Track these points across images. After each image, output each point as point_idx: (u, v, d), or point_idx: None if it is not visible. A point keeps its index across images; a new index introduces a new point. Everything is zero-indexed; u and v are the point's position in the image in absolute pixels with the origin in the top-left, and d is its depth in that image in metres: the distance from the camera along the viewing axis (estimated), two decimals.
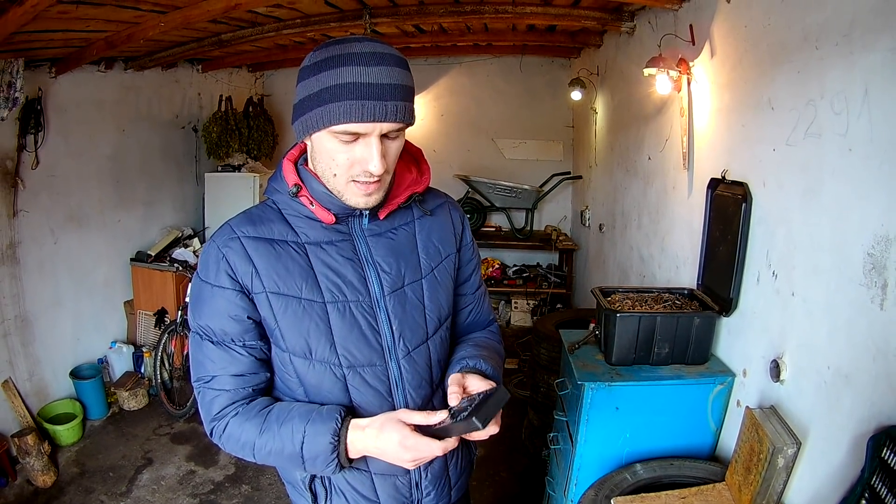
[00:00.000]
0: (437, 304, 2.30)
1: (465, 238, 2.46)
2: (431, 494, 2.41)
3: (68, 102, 6.66)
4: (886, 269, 2.66)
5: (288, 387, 2.23)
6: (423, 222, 2.32)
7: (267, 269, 2.06)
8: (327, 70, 1.87)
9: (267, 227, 2.12)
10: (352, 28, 6.76)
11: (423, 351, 2.26)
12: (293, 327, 2.09)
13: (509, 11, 6.20)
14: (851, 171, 2.91)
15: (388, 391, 2.20)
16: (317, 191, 2.09)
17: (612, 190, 7.67)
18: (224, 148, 9.14)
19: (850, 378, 2.90)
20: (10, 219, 6.04)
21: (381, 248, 2.18)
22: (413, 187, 2.24)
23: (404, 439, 1.94)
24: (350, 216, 2.15)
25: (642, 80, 5.35)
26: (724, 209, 4.21)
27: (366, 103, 1.83)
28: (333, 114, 1.85)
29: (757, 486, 3.24)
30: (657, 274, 5.85)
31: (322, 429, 2.01)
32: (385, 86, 1.85)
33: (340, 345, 2.11)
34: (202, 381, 2.16)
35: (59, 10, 4.52)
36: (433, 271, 2.29)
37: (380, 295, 2.15)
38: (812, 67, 3.23)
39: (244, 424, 2.10)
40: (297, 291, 2.07)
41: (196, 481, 5.93)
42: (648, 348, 4.09)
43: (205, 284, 2.11)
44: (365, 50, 1.87)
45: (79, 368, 7.05)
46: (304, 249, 2.11)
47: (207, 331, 2.12)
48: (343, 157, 1.94)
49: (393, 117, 1.87)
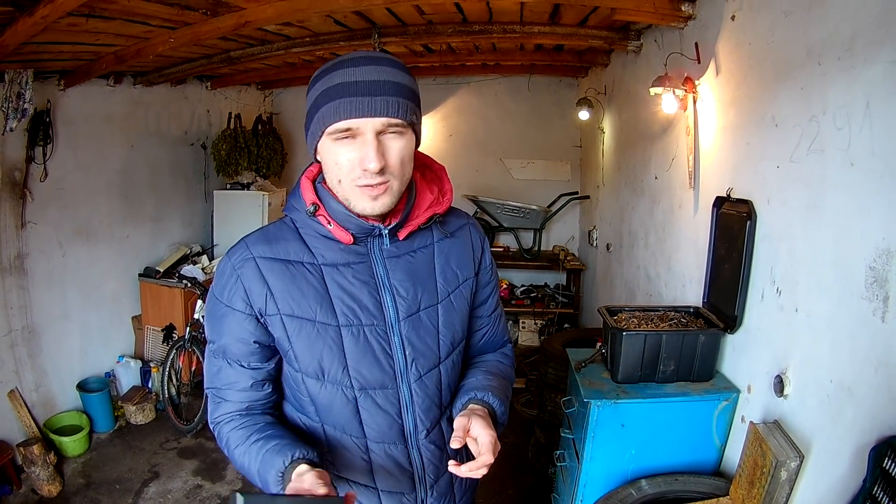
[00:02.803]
0: (452, 328, 2.28)
1: (485, 261, 2.44)
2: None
3: (77, 115, 6.69)
4: (888, 283, 2.67)
5: (300, 405, 2.26)
6: (443, 245, 2.30)
7: (282, 291, 2.07)
8: (321, 79, 1.93)
9: (283, 247, 2.12)
10: (361, 47, 6.77)
11: (434, 375, 2.25)
12: (306, 349, 2.10)
13: (517, 31, 6.24)
14: (853, 185, 2.93)
15: (399, 413, 2.21)
16: (335, 210, 2.07)
17: (620, 209, 7.68)
18: (233, 165, 9.18)
19: (853, 390, 2.91)
20: (18, 230, 6.07)
21: (399, 272, 2.17)
22: (434, 208, 2.22)
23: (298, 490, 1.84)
24: (369, 236, 2.13)
25: (649, 99, 5.35)
26: (729, 227, 4.22)
27: (354, 99, 1.84)
28: (327, 115, 1.88)
29: (760, 499, 3.25)
30: (664, 293, 5.85)
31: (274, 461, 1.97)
32: (374, 82, 1.86)
33: (353, 368, 2.12)
34: (211, 389, 2.24)
35: (69, 23, 4.56)
36: (449, 296, 2.27)
37: (394, 319, 2.14)
38: (814, 83, 3.25)
39: (231, 434, 2.16)
40: (312, 314, 2.08)
41: (203, 496, 5.92)
42: (654, 366, 4.10)
43: (218, 302, 2.14)
44: (356, 55, 1.91)
45: (86, 381, 7.06)
46: (321, 271, 2.10)
47: (218, 348, 2.17)
48: (343, 159, 1.92)
49: (383, 112, 1.86)
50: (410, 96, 1.94)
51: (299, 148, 11.27)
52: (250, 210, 9.21)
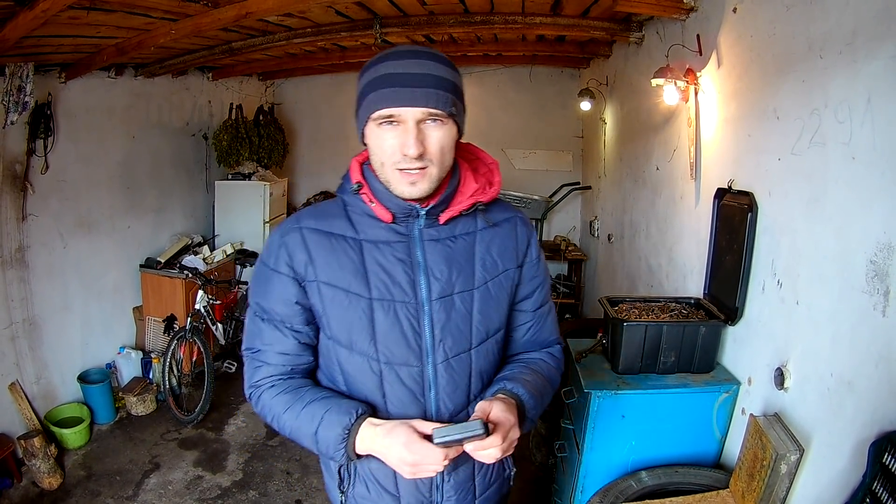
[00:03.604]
0: (487, 316, 2.31)
1: (531, 255, 2.45)
2: (452, 499, 2.43)
3: (78, 108, 6.68)
4: (889, 277, 2.68)
5: (330, 374, 2.34)
6: (485, 234, 2.33)
7: (322, 260, 2.18)
8: (369, 70, 2.06)
9: (328, 222, 2.23)
10: (362, 38, 6.80)
11: (464, 360, 2.28)
12: (339, 317, 2.20)
13: (519, 22, 6.23)
14: (855, 179, 2.93)
15: (422, 393, 2.24)
16: (377, 189, 2.17)
17: (621, 200, 7.69)
18: (234, 156, 9.20)
19: (853, 384, 2.92)
20: (20, 223, 6.06)
21: (437, 255, 2.23)
22: (478, 196, 2.27)
23: (409, 442, 1.99)
24: (409, 217, 2.20)
25: (650, 90, 5.35)
26: (730, 219, 4.22)
27: (397, 90, 1.95)
28: (372, 102, 1.98)
29: (760, 492, 3.25)
30: (665, 284, 5.86)
31: (337, 420, 2.10)
32: (416, 75, 1.96)
33: (381, 341, 2.18)
34: (250, 350, 2.36)
35: (70, 16, 4.54)
36: (487, 283, 2.30)
37: (426, 299, 2.20)
38: (816, 76, 3.25)
39: (275, 398, 2.26)
40: (347, 284, 2.17)
41: (203, 486, 5.93)
42: (655, 357, 4.11)
43: (265, 268, 2.26)
44: (401, 49, 2.03)
45: (87, 373, 7.05)
46: (360, 246, 2.20)
47: (261, 309, 2.29)
48: (386, 144, 2.02)
49: (423, 103, 1.96)
50: (451, 89, 2.03)
51: (300, 138, 11.42)
52: (252, 200, 9.28)
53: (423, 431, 2.03)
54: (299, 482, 5.97)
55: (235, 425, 7.07)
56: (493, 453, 2.02)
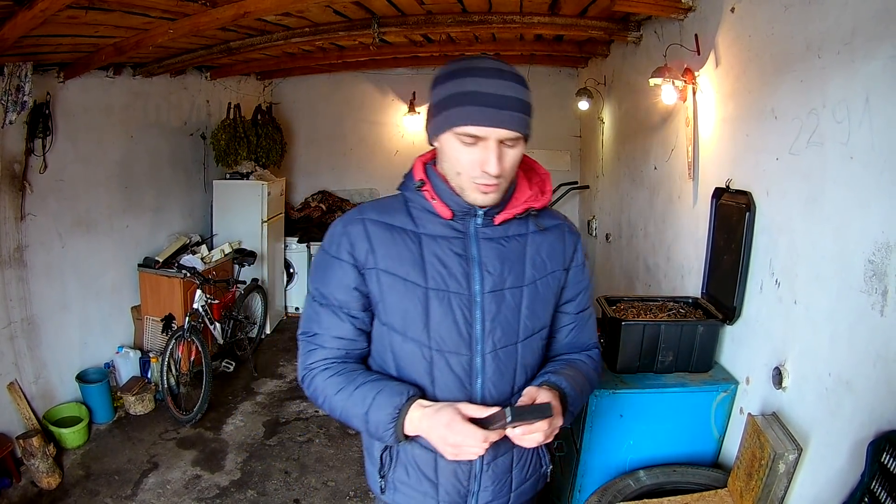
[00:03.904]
0: (535, 312, 2.39)
1: (577, 260, 2.53)
2: (489, 490, 2.49)
3: (76, 107, 6.68)
4: (887, 276, 2.69)
5: (382, 359, 2.44)
6: (536, 237, 2.41)
7: (382, 250, 2.28)
8: (453, 80, 2.09)
9: (390, 216, 2.33)
10: (360, 37, 6.83)
11: (511, 352, 2.36)
12: (395, 304, 2.30)
13: (517, 21, 6.24)
14: (853, 179, 2.94)
15: (469, 381, 2.32)
16: (439, 188, 2.27)
17: (619, 200, 7.70)
18: (232, 155, 9.20)
19: (851, 384, 2.93)
20: (18, 222, 6.05)
21: (490, 252, 2.31)
22: (531, 202, 2.36)
23: (452, 422, 2.08)
24: (466, 215, 2.29)
25: (648, 89, 5.36)
26: (728, 218, 4.24)
27: (485, 110, 2.01)
28: (457, 117, 2.04)
29: (758, 491, 3.26)
30: (662, 283, 5.87)
31: (388, 401, 2.20)
32: (503, 97, 2.02)
33: (434, 329, 2.28)
34: (306, 334, 2.44)
35: (69, 15, 4.54)
36: (536, 282, 2.38)
37: (479, 292, 2.28)
38: (814, 76, 3.26)
39: (328, 380, 2.34)
40: (405, 273, 2.27)
41: (202, 486, 5.92)
42: (653, 356, 4.13)
43: (326, 255, 2.37)
44: (487, 65, 2.08)
45: (85, 372, 7.04)
46: (419, 239, 2.29)
47: (320, 294, 2.39)
48: (466, 159, 2.11)
49: (509, 125, 2.03)
50: (529, 111, 2.12)
51: (298, 137, 11.44)
52: (250, 199, 9.27)
53: (467, 414, 2.11)
54: (297, 482, 5.96)
55: (234, 425, 7.06)
56: (537, 437, 2.10)
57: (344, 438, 6.71)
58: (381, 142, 11.53)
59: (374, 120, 11.45)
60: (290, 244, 10.55)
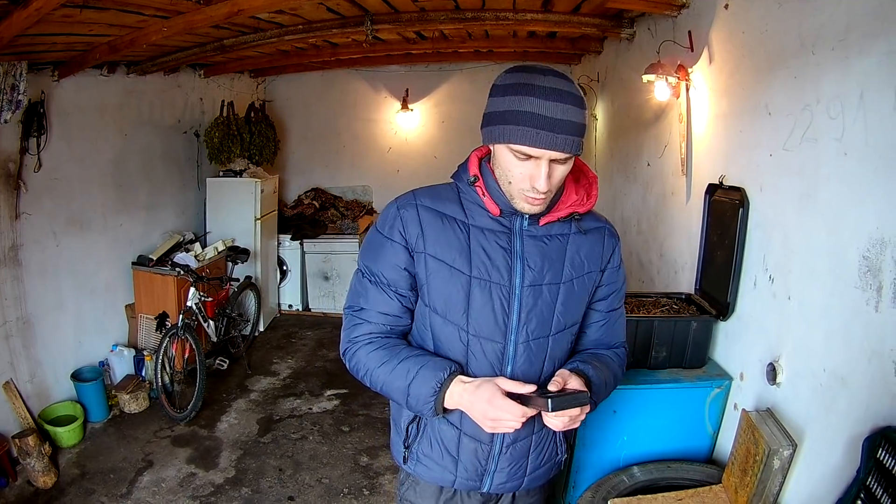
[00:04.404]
0: (569, 308, 2.50)
1: (613, 262, 2.62)
2: (504, 471, 2.63)
3: (71, 106, 6.67)
4: (881, 272, 2.69)
5: (422, 338, 2.56)
6: (577, 238, 2.51)
7: (432, 235, 2.40)
8: (513, 95, 2.15)
9: (442, 204, 2.45)
10: (354, 34, 6.81)
11: (542, 344, 2.47)
12: (439, 288, 2.42)
13: (510, 18, 6.25)
14: (847, 175, 2.95)
15: (500, 367, 2.44)
16: (490, 186, 2.38)
17: (612, 196, 7.69)
18: (226, 153, 9.21)
19: (846, 380, 2.93)
20: (13, 221, 6.05)
21: (533, 249, 2.41)
22: (575, 207, 2.45)
23: (493, 397, 2.19)
24: (513, 214, 2.40)
25: (641, 86, 5.37)
26: (721, 214, 4.24)
27: (540, 132, 2.08)
28: (513, 134, 2.13)
29: (753, 487, 3.26)
30: (656, 279, 5.88)
31: (431, 375, 2.33)
32: (558, 120, 2.08)
33: (473, 315, 2.41)
34: (352, 308, 2.57)
35: (63, 14, 4.54)
36: (573, 280, 2.49)
37: (519, 285, 2.39)
38: (808, 73, 3.27)
39: (371, 353, 2.47)
40: (451, 260, 2.39)
41: (196, 483, 5.92)
42: (646, 352, 4.15)
43: (378, 234, 2.49)
44: (547, 84, 2.12)
45: (80, 371, 7.03)
46: (468, 229, 2.41)
47: (370, 272, 2.51)
48: (517, 171, 2.21)
49: (562, 148, 2.11)
50: (582, 132, 2.17)
51: (291, 135, 11.46)
52: (243, 197, 9.29)
53: (504, 388, 2.21)
54: (291, 479, 5.96)
55: (227, 422, 7.06)
56: (564, 420, 2.23)
57: (338, 436, 6.73)
58: (374, 139, 11.54)
59: (368, 117, 11.45)
60: (283, 241, 10.53)
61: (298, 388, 7.98)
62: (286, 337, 9.87)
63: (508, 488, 2.70)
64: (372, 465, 6.18)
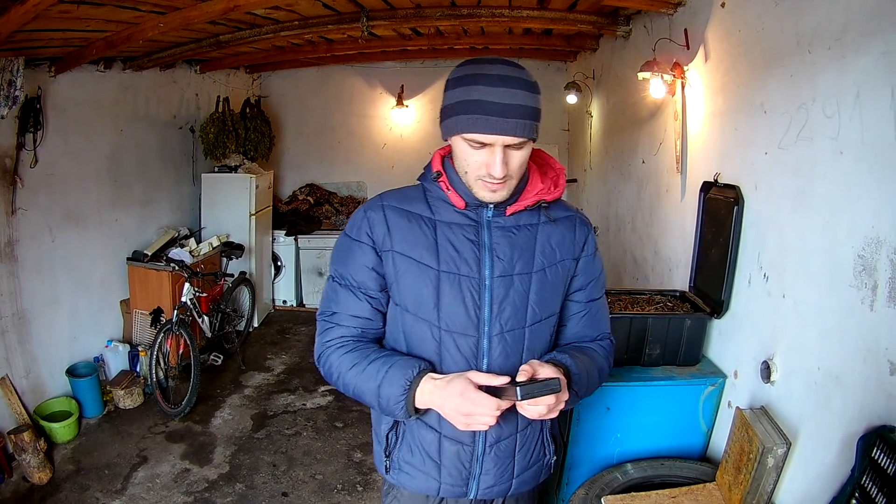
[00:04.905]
0: (543, 298, 2.47)
1: (587, 251, 2.61)
2: (491, 473, 2.57)
3: (67, 102, 6.66)
4: (877, 271, 2.71)
5: (395, 339, 2.54)
6: (546, 227, 2.50)
7: (398, 234, 2.41)
8: (462, 86, 2.19)
9: (409, 203, 2.47)
10: (349, 30, 6.80)
11: (517, 335, 2.44)
12: (408, 285, 2.41)
13: (505, 15, 6.26)
14: (842, 173, 2.96)
15: (475, 362, 2.41)
16: (454, 180, 2.40)
17: (607, 193, 7.72)
18: (221, 149, 9.20)
19: (841, 379, 2.94)
20: (9, 217, 6.05)
21: (501, 239, 2.41)
22: (542, 195, 2.46)
23: (466, 391, 2.16)
24: (479, 206, 2.41)
25: (637, 83, 5.39)
26: (716, 212, 4.25)
27: (489, 119, 2.11)
28: (464, 124, 2.17)
29: (747, 485, 3.27)
30: (650, 276, 5.89)
31: (400, 374, 2.29)
32: (507, 105, 2.11)
33: (444, 310, 2.39)
34: (325, 314, 2.56)
35: (60, 10, 4.54)
36: (545, 269, 2.47)
37: (489, 276, 2.38)
38: (804, 71, 3.27)
39: (343, 357, 2.45)
40: (419, 256, 2.39)
41: (190, 479, 5.93)
42: (640, 349, 4.16)
43: (347, 238, 2.50)
44: (494, 72, 2.15)
45: (75, 367, 7.02)
46: (434, 225, 2.42)
47: (340, 276, 2.51)
48: (473, 160, 2.24)
49: (512, 132, 2.13)
50: (535, 115, 2.20)
51: (287, 131, 11.46)
52: (238, 192, 9.28)
53: (477, 382, 2.19)
54: (286, 475, 5.97)
55: (222, 418, 7.07)
56: (540, 409, 2.17)
57: (331, 432, 6.74)
58: (369, 135, 11.55)
59: (363, 113, 11.46)
60: (277, 237, 10.53)
61: (292, 384, 7.99)
62: (280, 333, 9.86)
63: (496, 493, 2.64)
64: (365, 461, 6.17)
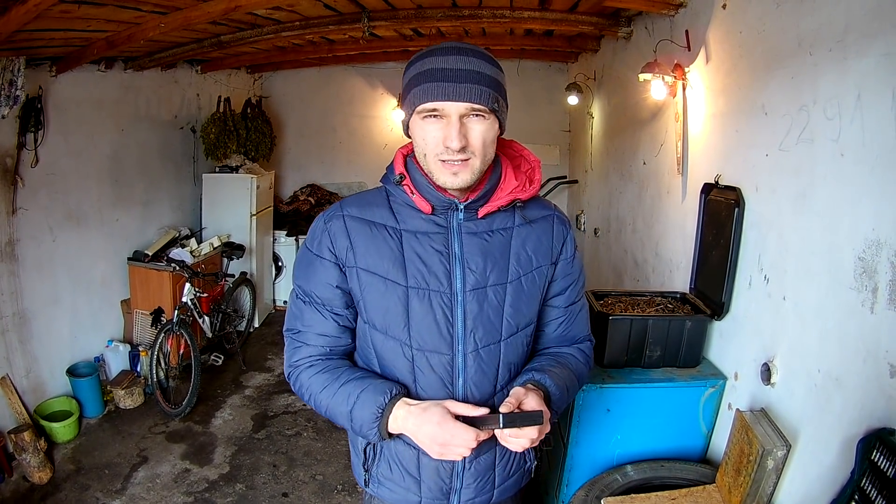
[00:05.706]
0: (518, 310, 2.37)
1: (566, 253, 2.50)
2: (471, 487, 2.50)
3: (68, 101, 6.66)
4: (877, 273, 2.70)
5: (366, 356, 2.43)
6: (522, 230, 2.39)
7: (362, 248, 2.27)
8: (415, 64, 2.14)
9: (371, 211, 2.33)
10: (351, 31, 6.80)
11: (493, 351, 2.34)
12: (376, 302, 2.29)
13: (507, 16, 6.25)
14: (843, 175, 2.96)
15: (450, 380, 2.31)
16: (419, 181, 2.27)
17: (608, 194, 7.71)
18: (222, 149, 9.19)
19: (841, 381, 2.94)
20: (10, 216, 6.05)
21: (473, 248, 2.29)
22: (516, 193, 2.33)
23: (443, 421, 2.07)
24: (447, 209, 2.29)
25: (638, 85, 5.38)
26: (717, 214, 4.25)
27: (441, 84, 2.04)
28: (416, 96, 2.09)
29: (747, 487, 3.27)
30: (651, 278, 5.89)
31: (372, 399, 2.19)
32: (460, 70, 2.04)
33: (414, 328, 2.27)
34: (291, 332, 2.47)
35: (61, 10, 4.54)
36: (520, 278, 2.36)
37: (460, 290, 2.27)
38: (806, 73, 3.27)
39: (313, 377, 2.36)
40: (385, 272, 2.26)
41: (191, 479, 5.93)
42: (640, 351, 4.15)
43: (308, 252, 2.37)
44: (446, 45, 2.11)
45: (75, 366, 7.03)
46: (399, 235, 2.28)
47: (303, 292, 2.40)
48: (430, 137, 2.11)
49: (466, 97, 2.03)
50: (493, 85, 2.11)
51: (288, 131, 11.46)
52: (239, 193, 9.28)
53: (455, 412, 2.11)
54: (286, 475, 5.97)
55: (222, 418, 7.07)
56: (523, 442, 2.09)
57: (332, 432, 6.73)
58: (370, 135, 11.51)
59: (364, 114, 11.44)
60: (278, 237, 10.51)
61: None
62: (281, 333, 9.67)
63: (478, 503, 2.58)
64: None
